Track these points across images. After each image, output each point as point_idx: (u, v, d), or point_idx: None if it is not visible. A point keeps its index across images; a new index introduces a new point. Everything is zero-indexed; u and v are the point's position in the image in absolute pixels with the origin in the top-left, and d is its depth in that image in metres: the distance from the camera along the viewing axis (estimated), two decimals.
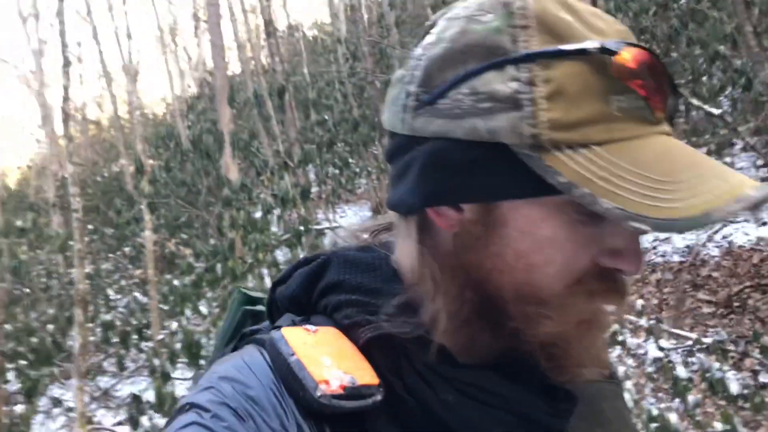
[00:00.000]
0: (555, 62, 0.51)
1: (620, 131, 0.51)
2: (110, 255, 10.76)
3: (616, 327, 5.93)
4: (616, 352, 6.20)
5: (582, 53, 0.51)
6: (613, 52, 0.51)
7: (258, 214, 6.07)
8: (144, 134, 10.12)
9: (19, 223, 5.76)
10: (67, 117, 4.84)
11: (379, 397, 0.54)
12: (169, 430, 0.51)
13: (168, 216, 6.14)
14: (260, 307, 0.71)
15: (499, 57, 0.52)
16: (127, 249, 10.96)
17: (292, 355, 0.54)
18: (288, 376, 0.53)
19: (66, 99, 4.79)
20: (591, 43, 0.51)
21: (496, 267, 0.55)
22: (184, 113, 13.14)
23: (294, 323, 0.60)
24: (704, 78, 6.44)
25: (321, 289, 0.61)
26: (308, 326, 0.58)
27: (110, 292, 9.50)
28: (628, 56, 0.51)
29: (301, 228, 5.81)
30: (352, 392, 0.53)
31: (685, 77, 6.60)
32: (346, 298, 0.59)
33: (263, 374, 0.54)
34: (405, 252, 0.60)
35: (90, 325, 7.97)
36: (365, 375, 0.54)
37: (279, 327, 0.59)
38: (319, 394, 0.52)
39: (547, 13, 0.53)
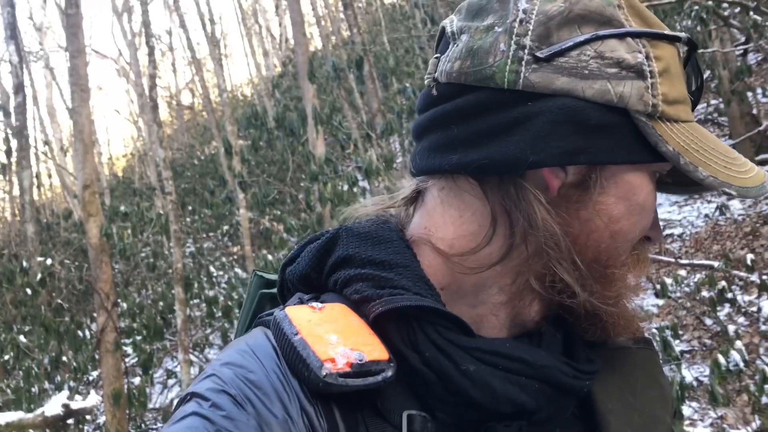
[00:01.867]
0: (659, 43, 0.56)
1: (689, 113, 0.58)
2: (210, 234, 11.30)
3: (723, 284, 5.60)
4: (725, 310, 5.87)
5: (676, 39, 0.57)
6: (695, 46, 0.59)
7: (344, 187, 6.15)
8: (233, 116, 10.47)
9: (122, 208, 6.14)
10: (155, 103, 5.07)
11: (390, 373, 0.51)
12: (171, 421, 0.50)
13: (259, 194, 6.34)
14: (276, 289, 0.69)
15: (618, 28, 0.55)
16: (225, 228, 11.48)
17: (296, 334, 0.52)
18: (292, 357, 0.52)
19: (153, 86, 5.01)
20: (681, 34, 0.58)
21: (584, 231, 0.56)
22: (270, 92, 13.47)
23: (302, 301, 0.59)
24: None
25: (331, 265, 0.59)
26: (314, 303, 0.56)
27: (212, 269, 10.00)
28: (695, 53, 0.59)
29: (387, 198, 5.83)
30: (360, 369, 0.51)
31: None
32: (355, 272, 0.57)
33: (266, 357, 0.53)
34: (459, 220, 0.58)
35: (195, 301, 8.46)
36: (374, 351, 0.52)
37: (286, 307, 0.57)
38: (324, 372, 0.50)
39: None
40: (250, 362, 0.53)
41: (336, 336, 0.52)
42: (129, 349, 7.61)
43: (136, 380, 6.68)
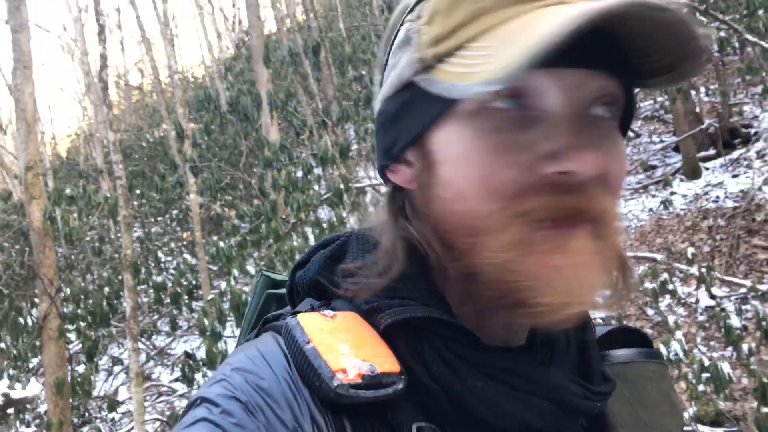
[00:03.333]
0: None
1: (492, 19, 0.50)
2: (159, 219, 11.05)
3: (665, 276, 5.81)
4: (665, 301, 6.09)
5: None
6: None
7: (299, 174, 6.09)
8: (185, 98, 10.21)
9: (68, 191, 5.94)
10: (105, 84, 4.89)
11: (400, 386, 0.50)
12: (180, 425, 0.49)
13: (211, 179, 6.22)
14: (284, 290, 0.68)
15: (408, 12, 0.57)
16: (174, 212, 11.23)
17: (308, 342, 0.51)
18: (303, 365, 0.50)
19: (104, 67, 4.84)
20: None
21: (441, 209, 0.54)
22: (222, 75, 13.19)
23: (313, 308, 0.58)
24: (761, 11, 6.07)
25: (341, 272, 0.58)
26: (326, 312, 0.55)
27: (160, 254, 9.79)
28: None
29: (342, 186, 5.82)
30: (372, 381, 0.50)
31: (739, 11, 6.23)
32: (366, 281, 0.56)
33: (277, 364, 0.52)
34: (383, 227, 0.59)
35: (143, 287, 8.27)
36: (386, 363, 0.51)
37: (297, 313, 0.56)
38: (335, 383, 0.49)
39: None
40: (261, 369, 0.51)
41: (348, 346, 0.51)
42: (73, 336, 7.39)
43: (81, 368, 6.50)
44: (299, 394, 0.50)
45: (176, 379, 7.26)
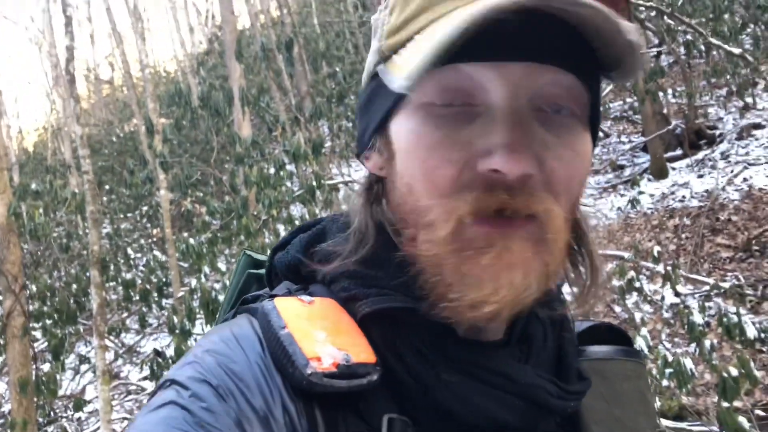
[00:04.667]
0: None
1: (437, 12, 0.50)
2: (128, 215, 10.89)
3: (632, 273, 5.92)
4: (632, 299, 6.20)
5: None
6: None
7: (271, 171, 6.05)
8: (156, 93, 10.08)
9: (33, 185, 5.82)
10: (72, 77, 4.80)
11: (375, 377, 0.50)
12: (148, 407, 0.48)
13: (181, 175, 6.16)
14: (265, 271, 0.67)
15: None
16: (144, 209, 11.09)
17: (284, 328, 0.50)
18: (277, 351, 0.50)
19: (71, 59, 4.75)
20: None
21: (396, 198, 0.54)
22: (194, 70, 13.04)
23: (290, 292, 0.57)
24: (725, 16, 6.20)
25: (319, 257, 0.57)
26: (304, 297, 0.54)
27: (130, 251, 9.65)
28: None
29: (315, 183, 5.80)
30: (346, 371, 0.49)
31: (705, 15, 6.37)
32: (342, 268, 0.55)
33: (251, 348, 0.51)
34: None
35: (111, 284, 8.15)
36: (362, 352, 0.51)
37: (275, 296, 0.56)
38: (309, 371, 0.48)
39: None
40: (234, 352, 0.50)
41: (324, 333, 0.51)
42: (38, 334, 7.26)
43: (46, 366, 6.38)
44: (271, 380, 0.49)
45: (145, 378, 7.18)
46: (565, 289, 0.61)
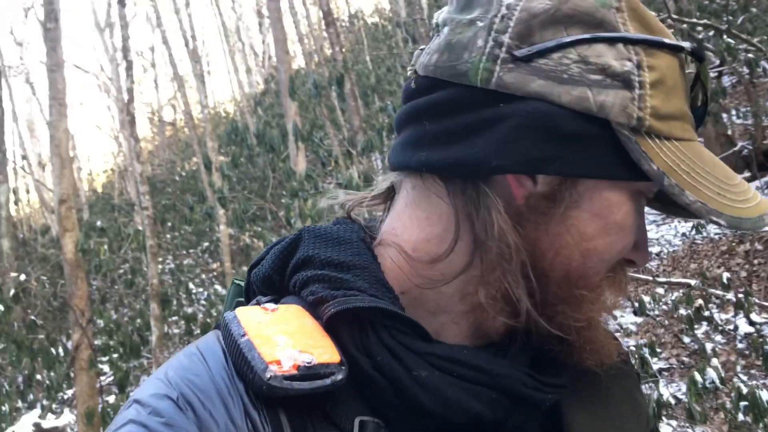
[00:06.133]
0: (657, 52, 0.52)
1: (687, 131, 0.54)
2: (190, 251, 11.19)
3: (700, 302, 5.65)
4: (702, 328, 5.91)
5: (679, 50, 0.53)
6: (701, 58, 0.55)
7: (325, 203, 6.12)
8: (215, 132, 10.43)
9: (98, 223, 6.07)
10: (133, 118, 5.03)
11: (340, 377, 0.49)
12: (110, 429, 0.49)
13: (238, 210, 6.31)
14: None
15: (609, 32, 0.51)
16: (205, 244, 11.38)
17: (243, 335, 0.50)
18: (238, 359, 0.50)
19: (131, 100, 4.98)
20: (685, 44, 0.54)
21: (552, 247, 0.53)
22: (252, 109, 13.46)
23: (259, 303, 0.57)
24: None
25: (292, 266, 0.58)
26: (267, 305, 0.55)
27: (191, 285, 9.90)
28: (702, 65, 0.56)
29: (367, 215, 5.82)
30: (308, 372, 0.48)
31: (767, 32, 6.16)
32: (313, 273, 0.55)
33: (214, 359, 0.51)
34: (426, 222, 0.55)
35: (174, 318, 8.35)
36: (325, 353, 0.50)
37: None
38: (268, 375, 0.48)
39: (634, 1, 0.54)
40: (196, 365, 0.51)
41: (285, 337, 0.50)
42: (105, 367, 7.48)
43: (112, 398, 6.55)
44: (234, 389, 0.49)
45: None
46: None
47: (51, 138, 5.41)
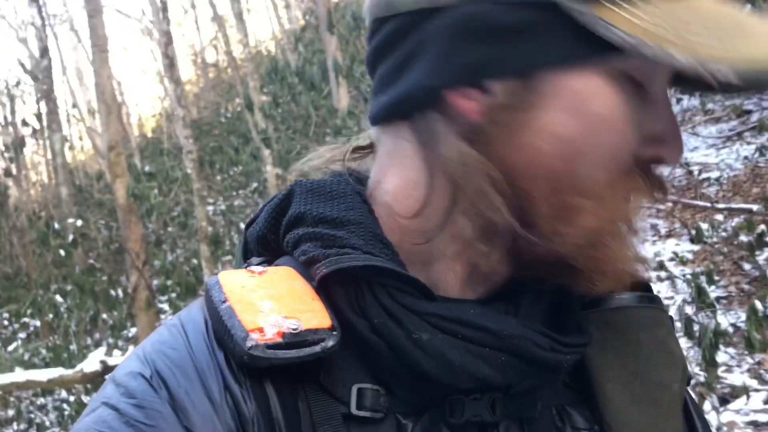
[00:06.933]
0: None
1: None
2: (240, 192, 11.37)
3: (762, 228, 5.42)
4: (764, 255, 5.70)
5: None
6: None
7: None
8: (258, 72, 10.36)
9: (147, 168, 6.19)
10: (172, 61, 5.01)
11: (330, 343, 0.45)
12: (86, 410, 0.46)
13: (282, 150, 6.29)
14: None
15: None
16: (254, 185, 11.53)
17: (224, 302, 0.46)
18: (218, 327, 0.46)
19: (169, 43, 4.94)
20: None
21: (527, 158, 0.47)
22: (293, 46, 13.29)
23: (249, 266, 0.52)
24: None
25: (285, 224, 0.53)
26: (254, 267, 0.50)
27: (242, 226, 10.11)
28: None
29: None
30: (294, 340, 0.44)
31: None
32: (305, 231, 0.50)
33: (194, 330, 0.48)
34: (400, 168, 0.51)
35: (227, 257, 8.58)
36: (314, 318, 0.46)
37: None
38: (249, 344, 0.43)
39: None
40: (175, 338, 0.47)
41: (271, 302, 0.46)
42: (165, 306, 7.79)
43: None
44: (213, 362, 0.45)
45: None
46: None
47: (96, 85, 5.47)
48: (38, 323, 7.67)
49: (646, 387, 0.54)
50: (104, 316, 7.20)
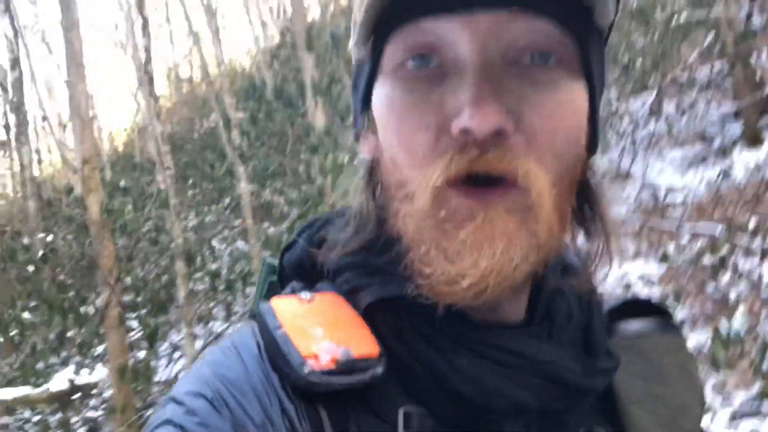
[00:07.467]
0: None
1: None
2: (213, 208, 11.27)
3: (725, 250, 5.58)
4: (726, 277, 5.86)
5: None
6: None
7: (345, 159, 6.10)
8: (233, 88, 10.34)
9: (122, 183, 6.14)
10: (151, 77, 5.00)
11: (379, 370, 0.48)
12: (147, 428, 0.48)
13: (258, 166, 6.29)
14: None
15: None
16: (227, 201, 11.43)
17: (279, 328, 0.49)
18: (274, 353, 0.49)
19: (148, 60, 4.94)
20: None
21: (384, 176, 0.51)
22: (268, 64, 13.30)
23: (293, 292, 0.55)
24: None
25: (324, 251, 0.56)
26: (303, 294, 0.53)
27: (215, 242, 10.00)
28: None
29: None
30: (346, 366, 0.47)
31: None
32: (346, 259, 0.54)
33: (249, 353, 0.50)
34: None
35: (199, 274, 8.49)
36: (363, 345, 0.49)
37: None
38: (306, 370, 0.46)
39: None
40: (231, 360, 0.50)
41: (322, 330, 0.49)
42: (134, 323, 7.66)
43: (142, 354, 6.74)
44: (269, 385, 0.48)
45: None
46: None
47: (70, 99, 5.42)
48: (1, 339, 7.49)
49: (672, 410, 0.57)
50: (71, 333, 7.05)
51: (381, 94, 0.50)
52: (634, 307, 0.64)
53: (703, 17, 6.93)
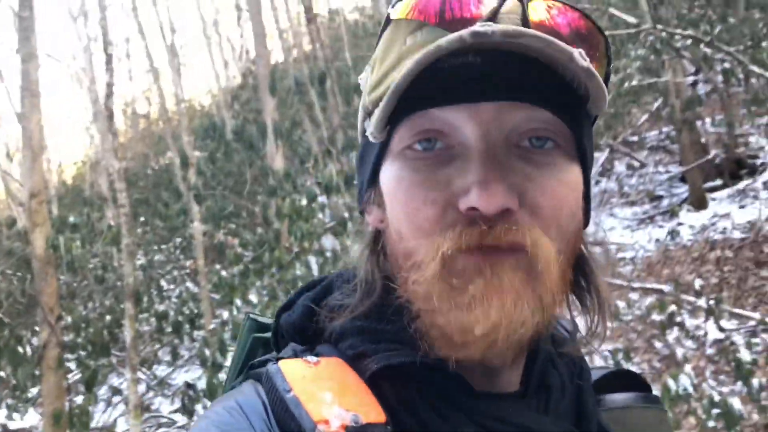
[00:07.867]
0: (379, 41, 0.56)
1: (410, 60, 0.49)
2: (162, 246, 11.01)
3: (672, 308, 5.72)
4: (674, 334, 5.99)
5: (387, 22, 0.54)
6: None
7: (303, 203, 6.07)
8: (191, 126, 10.26)
9: (72, 218, 5.95)
10: (111, 113, 4.91)
11: None
12: None
13: (214, 207, 6.20)
14: (270, 334, 0.65)
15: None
16: (178, 240, 11.19)
17: (289, 391, 0.49)
18: (283, 415, 0.48)
19: (110, 95, 4.86)
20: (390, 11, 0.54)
21: (391, 247, 0.55)
22: (228, 104, 13.28)
23: (296, 353, 0.55)
24: (764, 43, 6.09)
25: (327, 314, 0.56)
26: (309, 358, 0.53)
27: (163, 282, 9.73)
28: (402, 5, 0.53)
29: (347, 215, 5.79)
30: None
31: (743, 43, 6.26)
32: (350, 324, 0.54)
33: (256, 415, 0.49)
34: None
35: (144, 315, 8.20)
36: (371, 412, 0.48)
37: (281, 359, 0.54)
38: None
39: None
40: (238, 422, 0.49)
41: (331, 395, 0.49)
42: (72, 365, 7.31)
43: (79, 398, 6.40)
44: None
45: (176, 410, 7.15)
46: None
47: (23, 130, 5.26)
48: None
49: None
50: (3, 374, 6.68)
51: (389, 171, 0.54)
52: (616, 378, 0.66)
53: (653, 82, 7.28)
